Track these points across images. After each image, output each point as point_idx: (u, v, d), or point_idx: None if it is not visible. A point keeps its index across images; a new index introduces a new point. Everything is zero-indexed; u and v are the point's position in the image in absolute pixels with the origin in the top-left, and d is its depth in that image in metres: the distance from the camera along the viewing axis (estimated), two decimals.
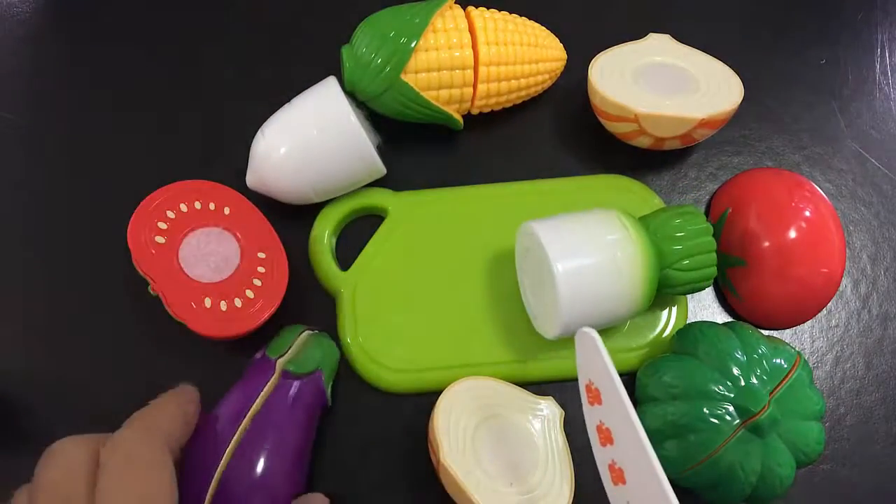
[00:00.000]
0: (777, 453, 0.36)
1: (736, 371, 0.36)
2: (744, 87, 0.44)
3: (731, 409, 0.36)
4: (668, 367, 0.38)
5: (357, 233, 0.45)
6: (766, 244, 0.42)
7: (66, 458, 0.27)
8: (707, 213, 0.47)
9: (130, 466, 0.27)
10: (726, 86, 0.44)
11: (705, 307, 0.45)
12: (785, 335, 0.45)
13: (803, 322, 0.45)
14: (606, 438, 0.31)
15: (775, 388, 0.36)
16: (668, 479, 0.28)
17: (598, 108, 0.45)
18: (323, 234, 0.44)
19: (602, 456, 0.32)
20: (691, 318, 0.44)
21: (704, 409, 0.36)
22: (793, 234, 0.41)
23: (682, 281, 0.39)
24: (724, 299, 0.45)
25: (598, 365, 0.30)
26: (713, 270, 0.39)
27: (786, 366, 0.37)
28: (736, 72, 0.45)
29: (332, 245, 0.44)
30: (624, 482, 0.30)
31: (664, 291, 0.39)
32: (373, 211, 0.45)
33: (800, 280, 0.42)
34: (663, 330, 0.43)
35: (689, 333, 0.39)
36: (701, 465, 0.36)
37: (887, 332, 0.45)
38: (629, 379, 0.41)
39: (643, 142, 0.44)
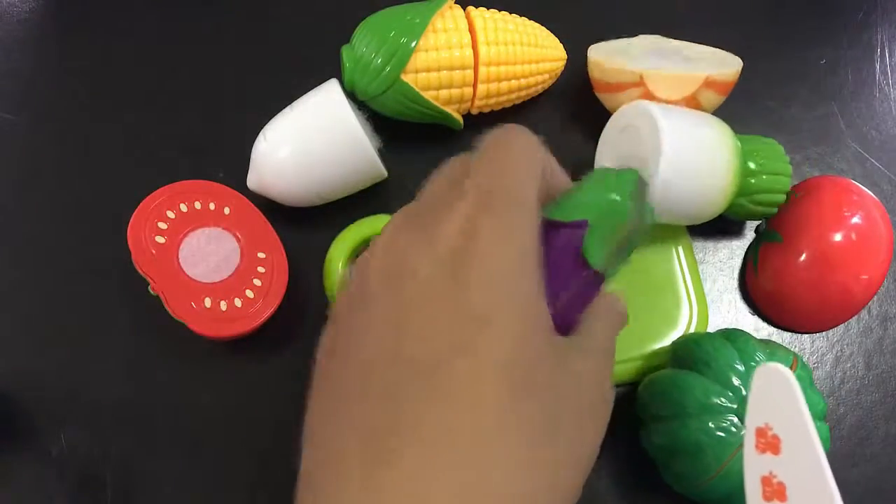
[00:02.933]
0: None
1: (736, 381, 0.36)
2: (744, 88, 0.44)
3: (735, 420, 0.35)
4: (668, 383, 0.38)
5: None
6: (807, 233, 0.42)
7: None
8: None
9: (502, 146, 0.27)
10: (725, 57, 0.45)
11: (721, 288, 0.45)
12: (785, 335, 0.45)
13: (831, 327, 0.45)
14: (776, 495, 0.27)
15: None
16: (684, 496, 0.25)
17: (599, 81, 0.44)
18: (337, 263, 0.42)
19: None
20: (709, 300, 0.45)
21: (710, 424, 0.35)
22: (838, 237, 0.41)
23: (756, 189, 0.41)
24: (741, 281, 0.46)
25: (789, 411, 0.26)
26: (782, 197, 0.42)
27: None
28: None
29: (347, 273, 0.42)
30: None
31: (737, 203, 0.41)
32: None
33: (839, 285, 0.42)
34: (687, 328, 0.43)
35: (685, 347, 0.39)
36: (713, 479, 0.36)
37: (887, 332, 0.45)
38: (630, 390, 0.41)
39: None
